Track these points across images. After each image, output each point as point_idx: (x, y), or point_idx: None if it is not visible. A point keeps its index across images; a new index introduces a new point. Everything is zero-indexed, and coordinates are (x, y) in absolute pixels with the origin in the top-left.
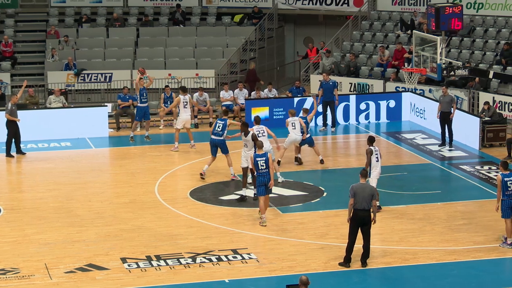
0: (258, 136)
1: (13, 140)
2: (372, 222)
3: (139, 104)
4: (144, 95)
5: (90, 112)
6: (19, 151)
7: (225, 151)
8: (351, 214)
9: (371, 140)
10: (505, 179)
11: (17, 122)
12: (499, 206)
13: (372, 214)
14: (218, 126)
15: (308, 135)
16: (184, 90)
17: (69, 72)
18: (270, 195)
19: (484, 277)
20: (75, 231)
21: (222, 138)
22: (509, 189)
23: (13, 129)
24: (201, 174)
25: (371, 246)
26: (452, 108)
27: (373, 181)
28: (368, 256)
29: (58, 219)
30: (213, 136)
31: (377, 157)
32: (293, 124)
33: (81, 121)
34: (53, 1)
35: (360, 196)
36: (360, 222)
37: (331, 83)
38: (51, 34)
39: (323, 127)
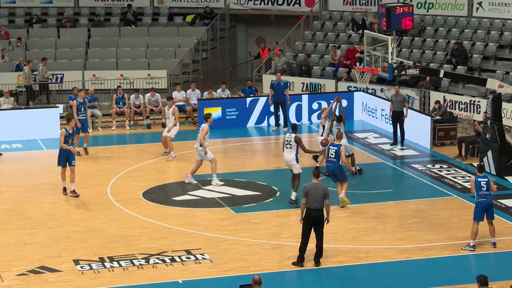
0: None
1: None
2: (325, 222)
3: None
4: (83, 110)
5: (41, 113)
6: None
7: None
8: (304, 214)
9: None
10: (478, 179)
11: None
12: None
13: (325, 214)
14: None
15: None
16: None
17: (19, 73)
18: (223, 195)
19: (436, 274)
20: (27, 233)
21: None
22: (483, 189)
23: None
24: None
25: (324, 246)
26: (404, 108)
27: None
28: (321, 255)
29: (9, 221)
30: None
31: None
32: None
33: (32, 122)
34: (2, 2)
35: (312, 196)
36: (313, 221)
37: (282, 84)
38: (1, 34)
39: (276, 127)
